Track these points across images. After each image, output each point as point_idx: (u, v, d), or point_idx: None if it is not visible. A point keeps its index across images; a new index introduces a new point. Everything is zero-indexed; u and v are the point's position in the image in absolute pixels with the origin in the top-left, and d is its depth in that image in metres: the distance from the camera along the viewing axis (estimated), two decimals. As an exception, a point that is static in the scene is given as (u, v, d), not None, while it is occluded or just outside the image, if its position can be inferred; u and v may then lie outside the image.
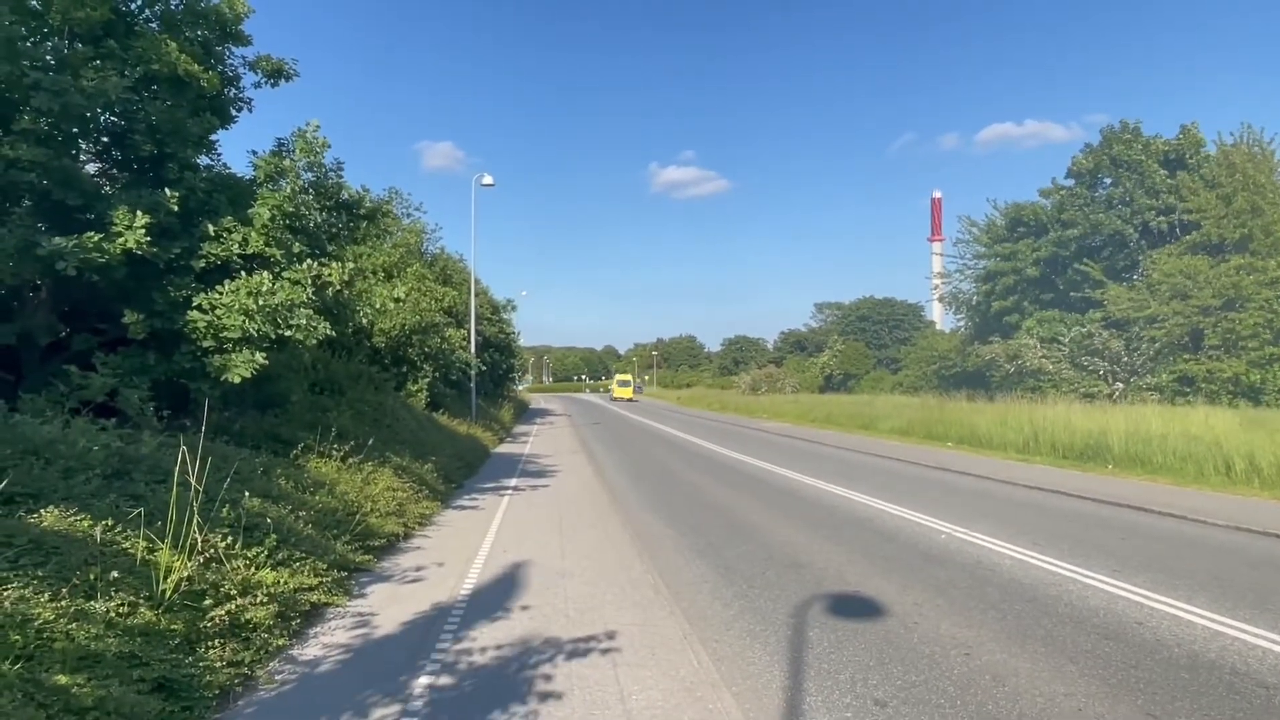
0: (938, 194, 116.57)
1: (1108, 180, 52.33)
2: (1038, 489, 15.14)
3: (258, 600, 6.01)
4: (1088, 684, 5.37)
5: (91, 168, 10.16)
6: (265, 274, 9.58)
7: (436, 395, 25.02)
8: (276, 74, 11.49)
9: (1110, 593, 7.66)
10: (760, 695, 5.31)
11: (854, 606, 7.34)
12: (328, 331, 10.17)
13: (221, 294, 9.31)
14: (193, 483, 6.36)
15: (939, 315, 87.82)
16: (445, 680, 5.39)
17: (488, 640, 6.24)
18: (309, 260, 10.31)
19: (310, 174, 11.22)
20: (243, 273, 9.66)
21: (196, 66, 9.69)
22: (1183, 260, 42.75)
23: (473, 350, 31.35)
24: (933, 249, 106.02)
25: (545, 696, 5.13)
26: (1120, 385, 43.63)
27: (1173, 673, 5.56)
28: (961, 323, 67.99)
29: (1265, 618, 6.81)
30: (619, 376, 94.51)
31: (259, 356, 9.45)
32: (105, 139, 10.01)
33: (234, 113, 11.22)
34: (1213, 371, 39.47)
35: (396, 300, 16.05)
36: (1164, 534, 10.71)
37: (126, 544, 5.74)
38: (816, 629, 6.67)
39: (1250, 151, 43.65)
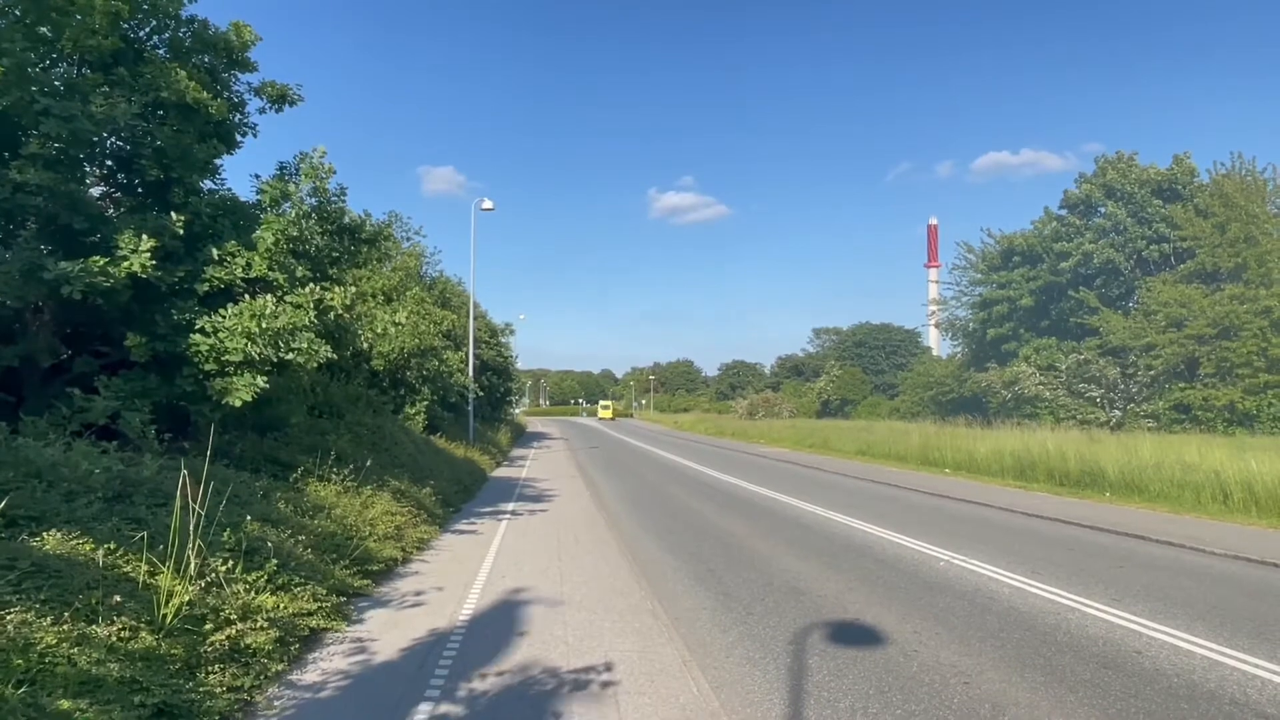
0: (934, 221, 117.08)
1: (1102, 209, 52.85)
2: (1035, 516, 15.15)
3: (258, 625, 6.01)
4: (1088, 713, 5.37)
5: (96, 191, 10.25)
6: (268, 298, 9.64)
7: (434, 418, 25.00)
8: (281, 99, 11.64)
9: (1109, 621, 7.67)
10: (760, 724, 5.31)
11: (853, 634, 7.34)
12: (329, 355, 10.22)
13: (224, 317, 9.36)
14: (194, 506, 6.38)
15: (936, 341, 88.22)
16: (445, 708, 5.37)
17: (487, 667, 6.23)
18: (311, 284, 10.37)
19: (313, 199, 11.32)
20: (246, 296, 9.71)
21: (204, 93, 9.83)
22: (1178, 289, 43.07)
23: (470, 373, 31.38)
24: (929, 276, 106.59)
25: (545, 724, 5.12)
26: (1117, 412, 43.74)
27: (1172, 703, 5.57)
28: (958, 349, 68.31)
29: (1264, 647, 6.82)
30: (602, 403, 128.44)
31: (260, 380, 9.48)
32: (112, 163, 10.11)
33: (239, 138, 11.34)
34: (1208, 399, 39.62)
35: (396, 324, 16.16)
36: (1162, 562, 10.72)
37: (128, 568, 5.76)
38: (816, 657, 6.67)
39: (1242, 181, 44.15)
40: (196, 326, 9.30)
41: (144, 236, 8.56)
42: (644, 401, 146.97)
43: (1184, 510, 15.81)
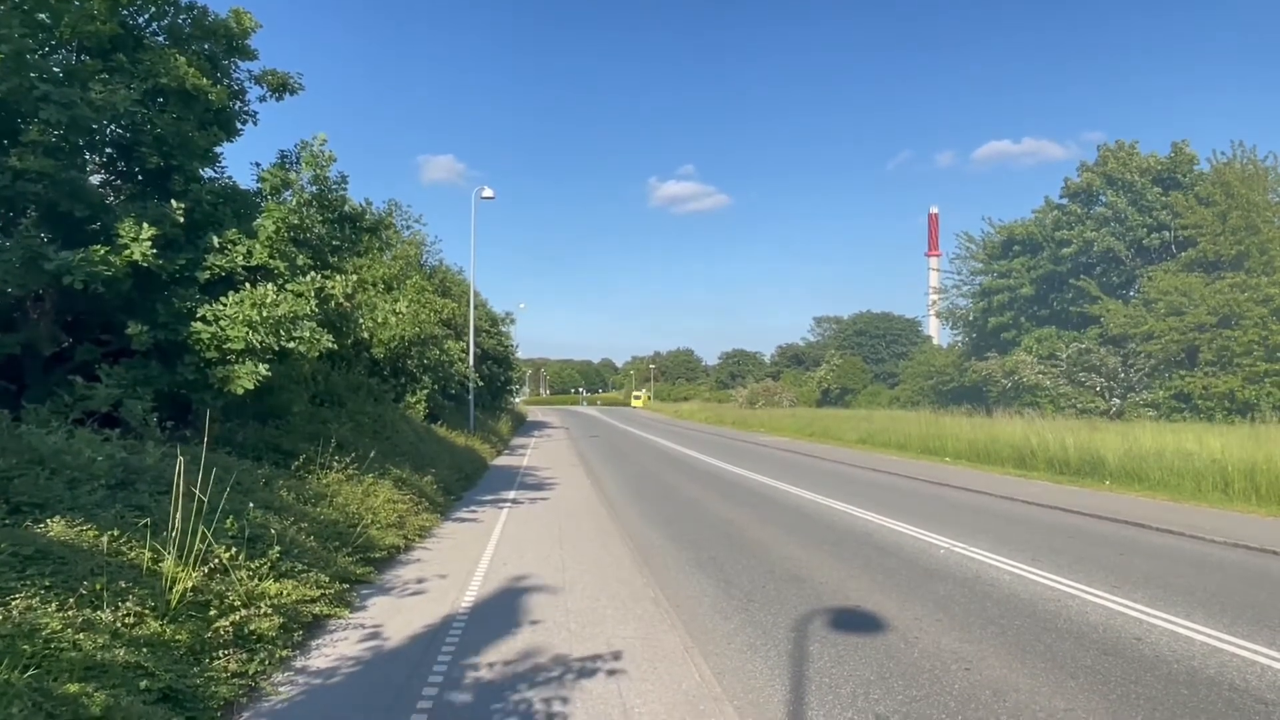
0: (935, 210, 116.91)
1: (1103, 198, 52.68)
2: (1036, 504, 15.18)
3: (262, 611, 6.02)
4: (1088, 699, 5.40)
5: (96, 179, 10.23)
6: (269, 286, 9.62)
7: (435, 407, 25.02)
8: (281, 88, 11.61)
9: (1109, 608, 7.70)
10: (762, 709, 5.33)
11: (855, 621, 7.36)
12: (330, 344, 10.22)
13: (225, 306, 9.35)
14: (197, 493, 6.39)
15: (936, 330, 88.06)
16: (449, 694, 5.40)
17: (490, 654, 6.25)
18: (312, 273, 10.36)
19: (314, 187, 11.29)
20: (247, 285, 9.70)
21: (204, 80, 9.78)
22: (1178, 277, 43.00)
23: (471, 362, 31.38)
24: (930, 264, 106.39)
25: (549, 710, 5.15)
26: (1117, 401, 43.77)
27: (1172, 689, 5.59)
28: (959, 338, 68.20)
29: (1263, 634, 6.84)
30: (634, 392, 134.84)
31: (262, 368, 9.49)
32: (112, 151, 10.07)
33: (239, 126, 11.29)
34: (1208, 388, 39.62)
35: (397, 313, 16.15)
36: (1162, 550, 10.75)
37: (132, 554, 5.78)
38: (817, 643, 6.70)
39: (1243, 169, 43.99)
40: (198, 315, 9.29)
41: (145, 225, 8.55)
42: (644, 390, 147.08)
43: (1184, 498, 15.84)
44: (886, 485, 18.80)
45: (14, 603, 4.46)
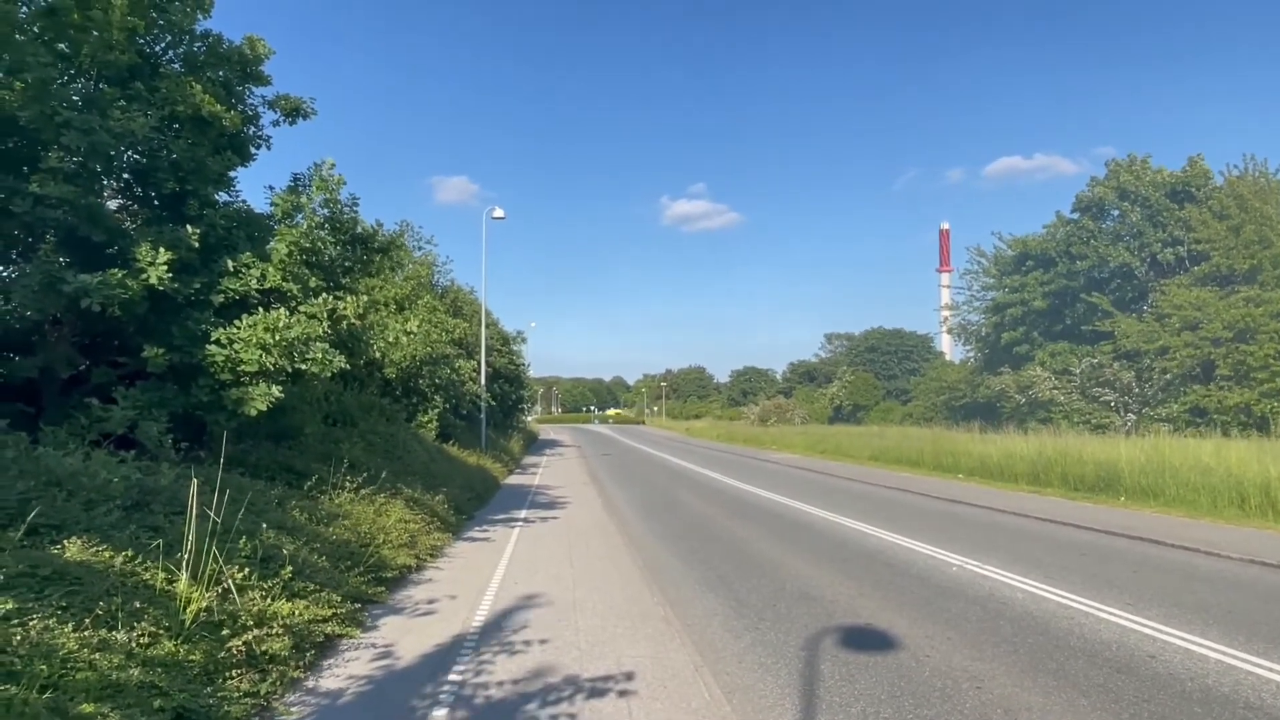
0: (946, 226, 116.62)
1: (1115, 213, 52.53)
2: (1050, 521, 15.08)
3: (274, 632, 6.07)
4: (1100, 718, 5.36)
5: (113, 204, 10.40)
6: (282, 309, 9.74)
7: (447, 426, 25.11)
8: (295, 112, 11.77)
9: (1123, 626, 7.64)
10: (772, 728, 5.33)
11: (865, 639, 7.34)
12: (342, 365, 10.30)
13: (239, 328, 9.46)
14: (211, 514, 6.46)
15: (948, 346, 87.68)
16: (460, 714, 5.42)
17: (501, 673, 6.27)
18: (324, 294, 10.48)
19: (325, 210, 11.43)
20: (260, 308, 9.82)
21: (219, 106, 9.95)
22: (1192, 292, 42.75)
23: (483, 381, 31.49)
24: (941, 280, 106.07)
25: (558, 729, 5.17)
26: (1132, 416, 43.44)
27: (1186, 707, 5.55)
28: (971, 354, 67.89)
29: (1278, 651, 6.77)
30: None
31: (275, 390, 9.58)
32: (129, 176, 10.24)
33: (253, 150, 11.47)
34: (1224, 402, 39.27)
35: (409, 333, 16.27)
36: (1176, 567, 10.66)
37: (147, 575, 5.84)
38: (828, 662, 6.68)
39: (1257, 183, 43.83)
40: (212, 337, 9.40)
41: (161, 249, 8.68)
42: (656, 408, 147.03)
43: (1200, 514, 15.69)
44: (899, 502, 18.71)
45: (31, 623, 4.52)
